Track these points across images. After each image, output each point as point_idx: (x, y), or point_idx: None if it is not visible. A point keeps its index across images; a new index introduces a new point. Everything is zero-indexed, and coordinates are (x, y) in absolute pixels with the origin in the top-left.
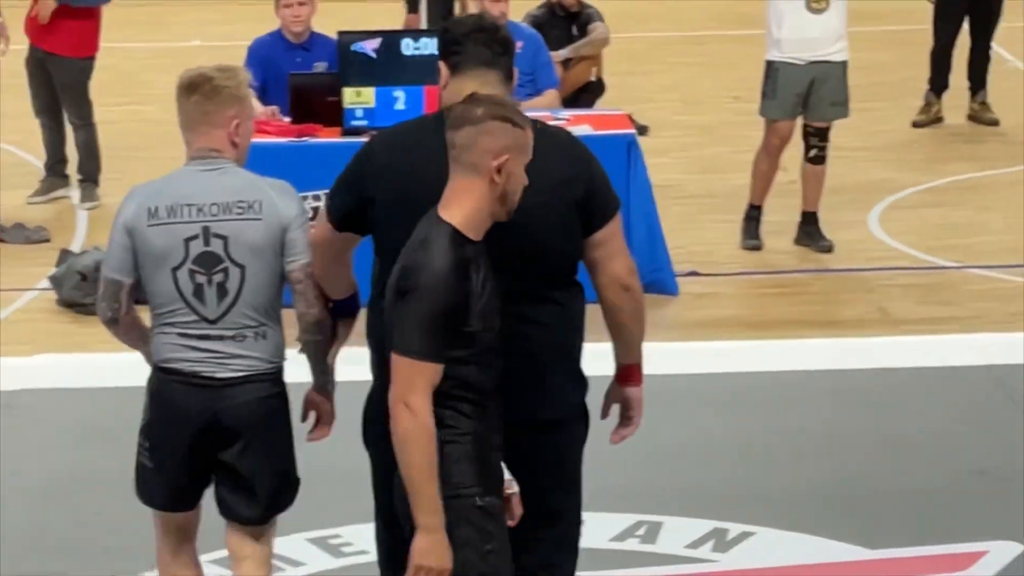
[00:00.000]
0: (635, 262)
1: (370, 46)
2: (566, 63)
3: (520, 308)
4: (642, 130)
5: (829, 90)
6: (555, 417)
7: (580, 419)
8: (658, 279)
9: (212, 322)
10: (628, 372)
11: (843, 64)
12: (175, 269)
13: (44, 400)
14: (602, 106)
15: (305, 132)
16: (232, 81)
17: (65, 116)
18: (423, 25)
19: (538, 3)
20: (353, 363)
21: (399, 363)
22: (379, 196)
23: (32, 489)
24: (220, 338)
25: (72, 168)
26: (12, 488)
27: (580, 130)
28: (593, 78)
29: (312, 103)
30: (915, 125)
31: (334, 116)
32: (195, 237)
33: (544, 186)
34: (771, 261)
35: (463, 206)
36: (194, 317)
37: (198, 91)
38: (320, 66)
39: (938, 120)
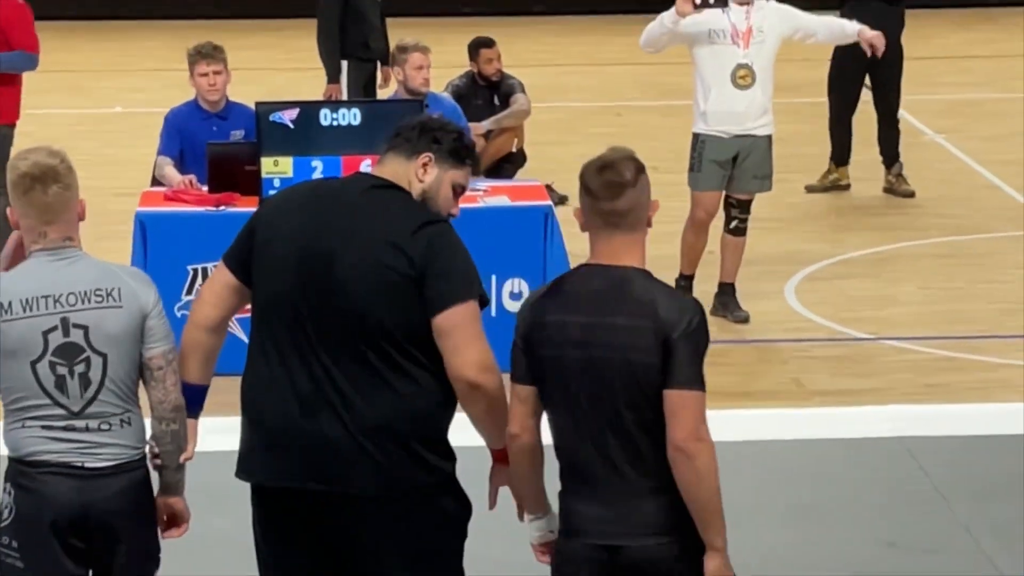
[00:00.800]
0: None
1: (288, 116)
2: (488, 134)
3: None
4: (561, 200)
5: (753, 163)
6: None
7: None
8: None
9: (76, 413)
10: (499, 455)
11: (768, 138)
12: (34, 363)
13: None
14: (523, 176)
15: (223, 201)
16: (69, 162)
17: None
18: (344, 95)
19: (460, 72)
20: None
21: (689, 398)
22: (256, 235)
23: None
24: (86, 428)
25: None
26: None
27: (498, 201)
28: (514, 149)
29: (230, 172)
30: (808, 189)
31: (252, 185)
32: (54, 329)
33: (367, 247)
34: None
35: (636, 256)
36: (57, 410)
37: (54, 182)
38: (237, 134)
39: (838, 187)
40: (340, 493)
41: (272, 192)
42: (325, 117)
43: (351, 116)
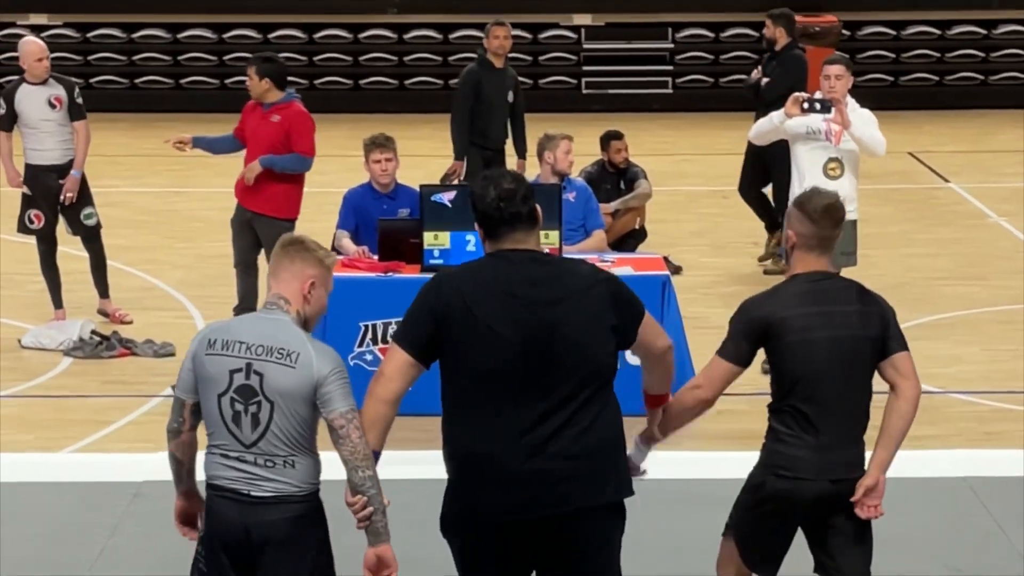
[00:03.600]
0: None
1: (447, 197)
2: (615, 213)
3: None
4: (676, 270)
5: (840, 242)
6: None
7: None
8: None
9: (247, 446)
10: (653, 400)
11: (853, 222)
12: (220, 395)
13: (167, 490)
14: (643, 250)
15: (391, 268)
16: (322, 251)
17: (259, 268)
18: (462, 174)
19: (592, 160)
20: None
21: (910, 357)
22: (452, 321)
23: (156, 565)
24: (254, 462)
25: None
26: (140, 564)
27: (622, 271)
28: (637, 226)
29: (397, 244)
30: (760, 260)
31: (416, 255)
32: (239, 370)
33: (581, 307)
34: None
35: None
36: (233, 441)
37: (293, 246)
38: (404, 212)
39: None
40: (560, 513)
41: (432, 262)
42: None
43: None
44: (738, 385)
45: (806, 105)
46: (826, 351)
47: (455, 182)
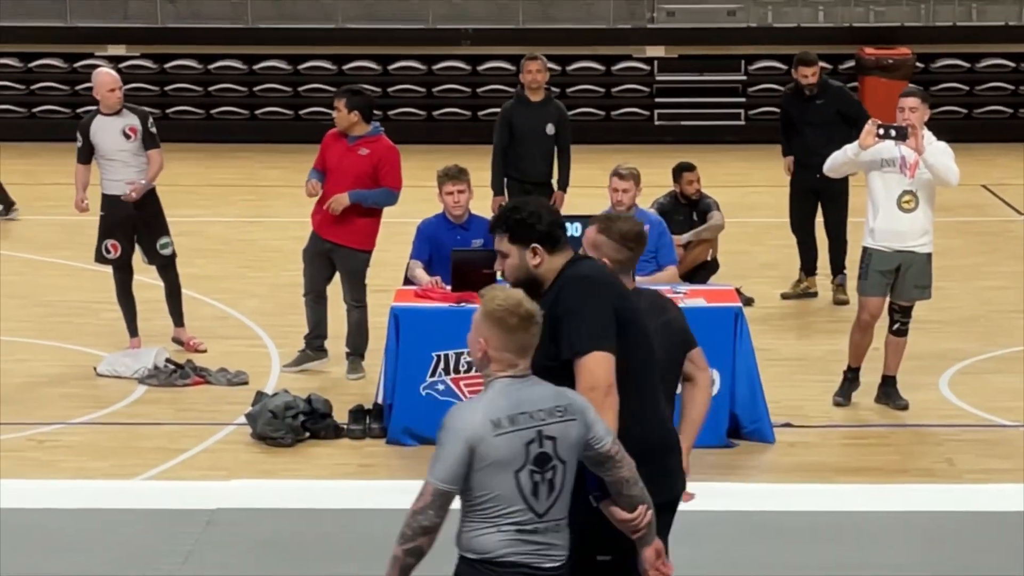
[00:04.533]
0: (739, 414)
1: None
2: (687, 245)
3: None
4: (748, 301)
5: (914, 275)
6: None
7: None
8: (758, 429)
9: (540, 516)
10: None
11: (927, 255)
12: (517, 471)
13: (240, 517)
14: (715, 281)
15: (463, 299)
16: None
17: (328, 297)
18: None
19: (665, 192)
20: None
21: None
22: (624, 317)
23: None
24: (546, 530)
25: (338, 342)
26: None
27: (695, 302)
28: (709, 258)
29: (470, 274)
30: (783, 297)
31: (488, 286)
32: (533, 440)
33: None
34: (854, 416)
35: None
36: (529, 514)
37: (535, 324)
38: (477, 243)
39: (808, 294)
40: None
41: None
42: None
43: (572, 228)
44: (808, 417)
45: (881, 132)
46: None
47: None
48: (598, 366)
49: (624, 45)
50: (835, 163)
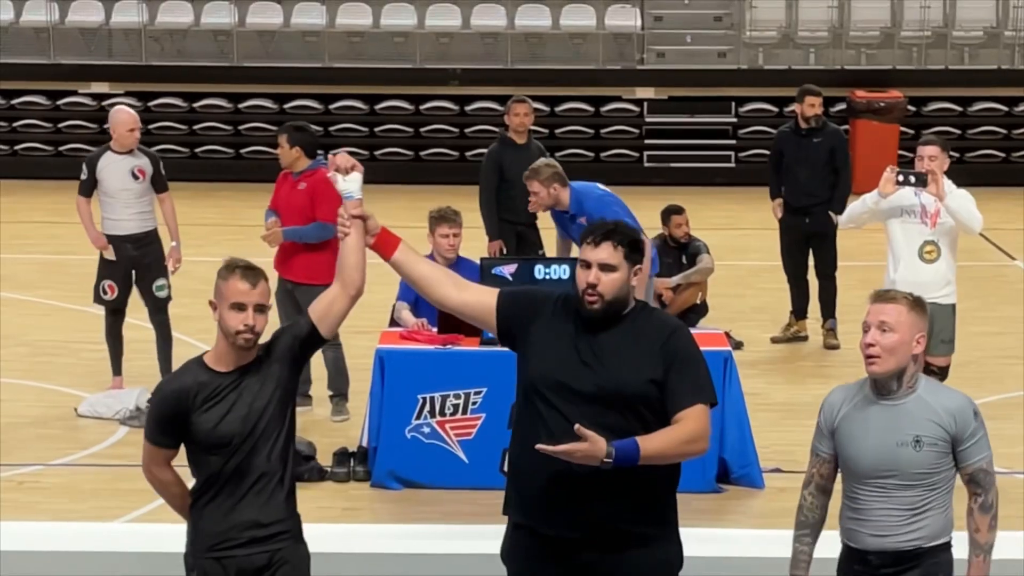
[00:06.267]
0: (728, 459)
1: (507, 270)
2: (676, 288)
3: None
4: (738, 345)
5: (939, 329)
6: None
7: None
8: (747, 474)
9: None
10: None
11: (951, 307)
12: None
13: None
14: (705, 324)
15: (449, 341)
16: None
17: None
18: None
19: (653, 235)
20: None
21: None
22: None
23: None
24: None
25: (321, 384)
26: None
27: None
28: (699, 301)
29: (456, 318)
30: (773, 341)
31: (475, 328)
32: None
33: None
34: None
35: None
36: None
37: None
38: None
39: (798, 338)
40: None
41: (490, 335)
42: (539, 271)
43: (561, 271)
44: (798, 463)
45: (900, 178)
46: None
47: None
48: (707, 418)
49: (613, 86)
50: (853, 214)
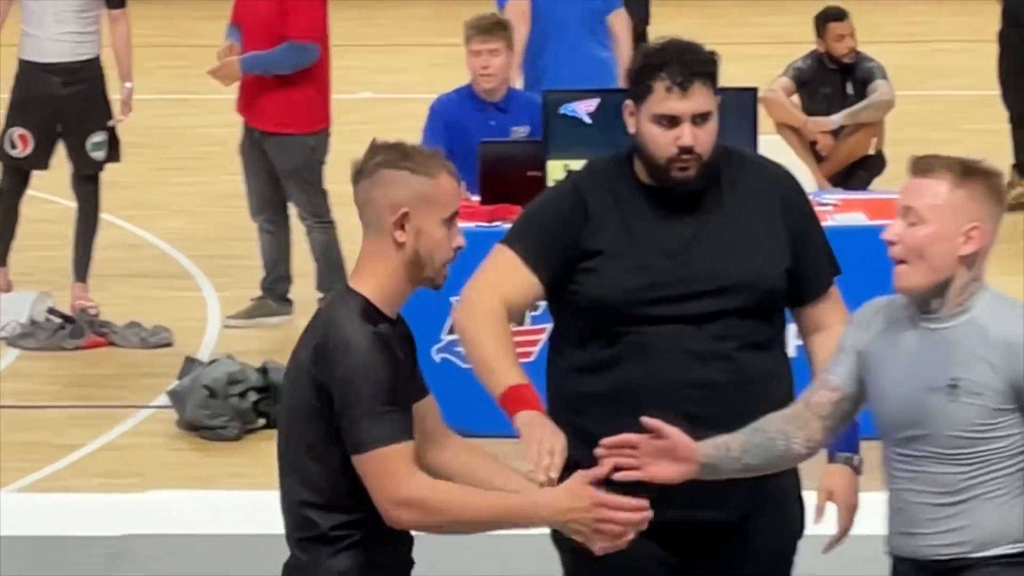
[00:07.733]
0: None
1: (584, 108)
2: (839, 131)
3: None
4: None
5: None
6: None
7: None
8: None
9: None
10: None
11: None
12: None
13: (158, 548)
14: (880, 185)
15: (497, 215)
16: None
17: (291, 218)
18: None
19: (804, 52)
20: None
21: None
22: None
23: None
24: None
25: (305, 286)
26: None
27: (851, 218)
28: (872, 151)
29: (507, 178)
30: None
31: (534, 196)
32: None
33: None
34: None
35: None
36: None
37: None
38: (520, 131)
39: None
40: None
41: None
42: None
43: None
44: None
45: None
46: None
47: None
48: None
49: None
50: None
